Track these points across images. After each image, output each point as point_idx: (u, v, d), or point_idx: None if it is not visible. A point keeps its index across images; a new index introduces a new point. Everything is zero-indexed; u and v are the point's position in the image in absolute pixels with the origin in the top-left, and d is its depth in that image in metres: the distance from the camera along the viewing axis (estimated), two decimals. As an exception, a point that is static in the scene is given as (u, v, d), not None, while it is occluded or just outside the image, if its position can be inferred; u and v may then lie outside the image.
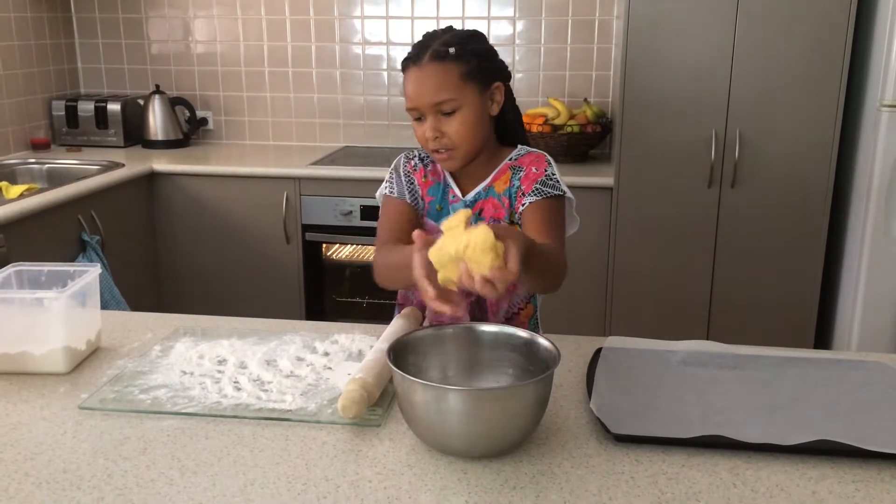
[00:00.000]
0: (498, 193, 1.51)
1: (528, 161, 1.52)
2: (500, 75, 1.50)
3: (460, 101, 1.42)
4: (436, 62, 1.41)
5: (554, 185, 1.48)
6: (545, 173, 1.49)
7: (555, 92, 3.46)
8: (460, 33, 1.47)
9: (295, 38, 3.62)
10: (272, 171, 3.17)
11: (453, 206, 1.54)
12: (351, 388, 1.13)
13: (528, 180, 1.48)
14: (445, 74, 1.41)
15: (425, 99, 1.41)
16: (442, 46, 1.42)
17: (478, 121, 1.45)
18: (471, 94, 1.43)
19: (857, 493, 0.97)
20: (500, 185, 1.51)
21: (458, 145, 1.44)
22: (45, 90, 3.60)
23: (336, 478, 0.99)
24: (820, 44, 2.68)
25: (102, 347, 1.40)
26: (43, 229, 2.63)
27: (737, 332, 2.89)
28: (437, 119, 1.42)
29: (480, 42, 1.48)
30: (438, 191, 1.56)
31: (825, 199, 2.80)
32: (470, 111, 1.43)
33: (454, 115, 1.42)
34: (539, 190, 1.46)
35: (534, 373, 1.12)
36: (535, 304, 1.61)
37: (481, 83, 1.45)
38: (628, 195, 2.91)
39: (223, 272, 3.25)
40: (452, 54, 1.41)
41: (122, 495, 0.96)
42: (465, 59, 1.42)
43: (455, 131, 1.43)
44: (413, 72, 1.43)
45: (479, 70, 1.44)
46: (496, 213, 1.50)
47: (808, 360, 1.33)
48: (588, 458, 1.04)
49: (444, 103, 1.41)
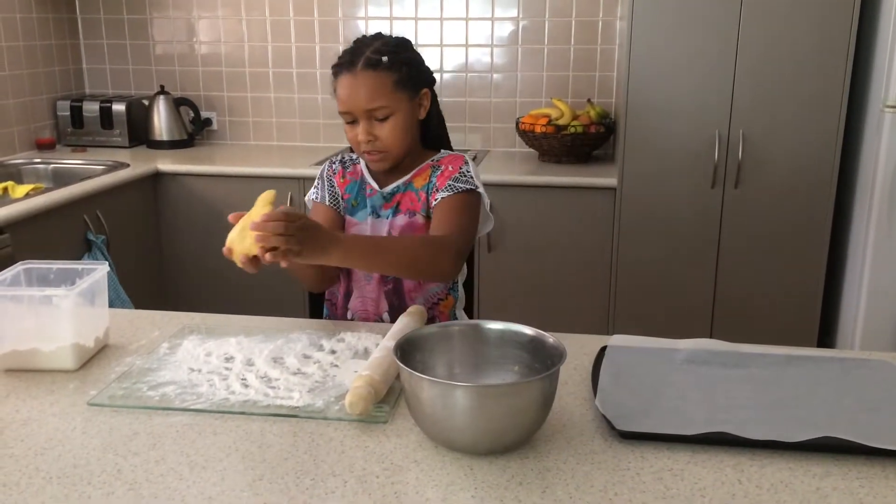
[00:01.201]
0: (416, 188, 1.59)
1: (447, 161, 1.61)
2: (427, 81, 1.60)
3: (392, 107, 1.51)
4: (369, 70, 1.49)
5: (466, 181, 1.56)
6: (459, 170, 1.57)
7: (558, 92, 3.47)
8: (391, 41, 1.55)
9: (299, 38, 3.63)
10: (276, 171, 3.18)
11: (370, 199, 1.63)
12: (358, 384, 1.14)
13: (444, 177, 1.57)
14: (379, 82, 1.50)
15: (359, 105, 1.50)
16: (374, 54, 1.50)
17: (407, 125, 1.55)
18: (402, 100, 1.53)
19: (861, 490, 0.97)
20: (418, 181, 1.60)
21: (389, 148, 1.54)
22: (50, 90, 3.62)
23: (343, 473, 1.00)
24: (823, 45, 2.69)
25: (110, 345, 1.41)
26: (48, 229, 2.64)
27: (740, 332, 2.89)
28: (370, 123, 1.52)
29: (410, 50, 1.58)
30: (355, 187, 1.66)
31: (828, 199, 2.81)
32: (401, 116, 1.53)
33: (386, 120, 1.52)
34: (451, 186, 1.55)
35: (539, 370, 1.12)
36: (456, 296, 1.68)
37: (411, 90, 1.55)
38: (631, 195, 2.92)
39: (227, 272, 3.24)
40: (385, 63, 1.50)
41: (131, 490, 0.96)
42: (397, 67, 1.51)
43: (387, 136, 1.52)
44: (347, 77, 1.51)
45: (409, 77, 1.54)
46: (412, 205, 1.59)
47: (812, 359, 1.34)
48: (593, 455, 1.05)
49: (378, 110, 1.51)
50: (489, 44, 3.50)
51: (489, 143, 3.61)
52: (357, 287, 1.64)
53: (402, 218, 1.59)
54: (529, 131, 3.21)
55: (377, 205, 1.62)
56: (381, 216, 1.61)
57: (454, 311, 1.67)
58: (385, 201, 1.61)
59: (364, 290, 1.62)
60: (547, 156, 3.27)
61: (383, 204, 1.61)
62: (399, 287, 1.61)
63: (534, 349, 1.15)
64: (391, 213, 1.60)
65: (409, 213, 1.58)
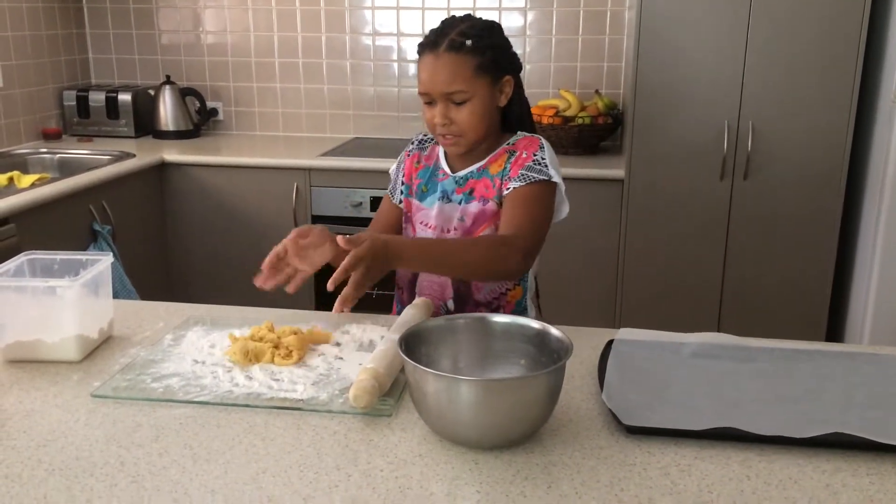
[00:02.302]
0: (492, 175, 1.55)
1: (522, 145, 1.56)
2: (511, 68, 1.55)
3: (471, 92, 1.47)
4: (452, 52, 1.46)
5: (540, 170, 1.51)
6: (533, 158, 1.53)
7: (566, 83, 3.45)
8: (478, 24, 1.51)
9: (305, 28, 3.61)
10: (282, 161, 3.17)
11: (441, 184, 1.59)
12: (362, 377, 1.13)
13: (517, 165, 1.53)
14: (460, 66, 1.46)
15: (438, 87, 1.47)
16: (459, 37, 1.46)
17: (486, 111, 1.50)
18: (482, 86, 1.48)
19: (872, 487, 0.96)
20: (494, 168, 1.56)
21: (465, 133, 1.50)
22: (56, 80, 3.61)
23: (347, 467, 0.99)
24: (834, 35, 2.66)
25: (114, 336, 1.41)
26: (54, 219, 2.64)
27: (748, 325, 2.88)
28: (448, 107, 1.48)
29: (496, 34, 1.52)
30: (427, 173, 1.63)
31: (838, 191, 2.79)
32: (479, 102, 1.49)
33: (464, 104, 1.48)
34: (524, 175, 1.51)
35: (545, 364, 1.11)
36: (525, 286, 1.64)
37: (493, 75, 1.50)
38: (639, 187, 2.90)
39: (233, 262, 3.26)
40: (469, 46, 1.46)
41: (134, 482, 0.96)
42: (481, 51, 1.47)
43: (463, 120, 1.48)
44: (429, 58, 1.47)
45: (493, 63, 1.49)
46: (486, 192, 1.55)
47: (821, 353, 1.33)
48: (600, 450, 1.04)
49: (456, 94, 1.47)
50: (496, 34, 3.48)
51: (496, 134, 3.58)
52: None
53: (475, 205, 1.54)
54: (537, 122, 3.18)
55: (449, 189, 1.58)
56: (453, 200, 1.57)
57: (522, 302, 1.62)
58: (458, 185, 1.57)
59: (430, 275, 1.58)
60: (554, 147, 3.22)
61: (455, 188, 1.57)
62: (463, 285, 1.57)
63: (540, 343, 1.14)
64: (463, 198, 1.56)
65: (482, 200, 1.54)
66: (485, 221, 1.54)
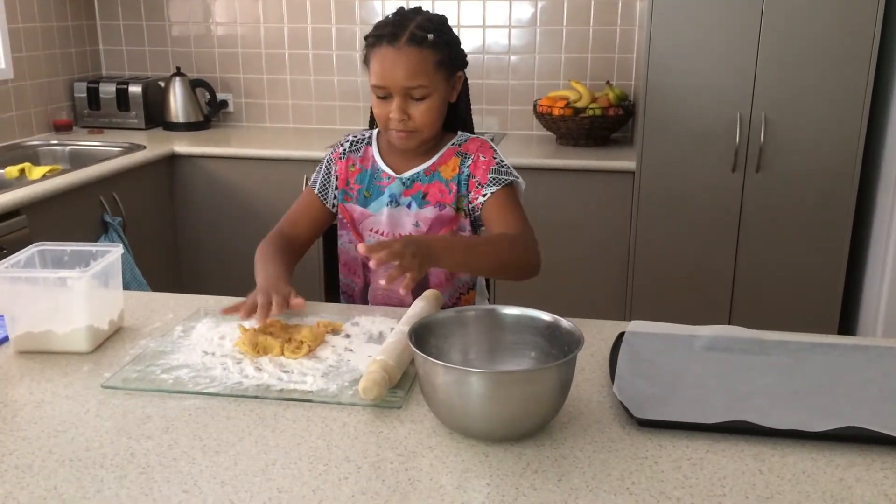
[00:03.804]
0: (445, 179, 1.54)
1: (473, 148, 1.56)
2: (463, 63, 1.54)
3: (431, 88, 1.46)
4: (414, 46, 1.43)
5: (507, 172, 1.53)
6: (495, 161, 1.53)
7: (577, 74, 3.43)
8: (435, 18, 1.50)
9: (315, 19, 3.60)
10: (292, 153, 3.17)
11: (388, 188, 1.57)
12: (372, 369, 1.12)
13: (480, 170, 1.52)
14: (422, 61, 1.44)
15: (397, 81, 1.44)
16: (419, 31, 1.44)
17: (442, 107, 1.50)
18: (440, 81, 1.48)
19: (886, 481, 0.95)
20: (446, 171, 1.54)
21: (420, 129, 1.48)
22: (67, 72, 3.62)
23: (357, 459, 0.99)
24: (848, 25, 2.63)
25: (125, 327, 1.41)
26: (65, 211, 2.65)
27: (759, 318, 2.86)
28: (406, 101, 1.46)
29: (450, 31, 1.52)
30: (366, 177, 1.60)
31: (852, 184, 2.76)
32: (437, 98, 1.48)
33: (423, 100, 1.46)
34: (496, 179, 1.51)
35: (556, 356, 1.11)
36: (479, 292, 1.66)
37: (449, 71, 1.50)
38: (650, 179, 2.88)
39: (243, 254, 3.23)
40: (430, 41, 1.44)
41: (144, 473, 0.96)
42: (441, 46, 1.46)
43: (421, 115, 1.47)
44: (387, 50, 1.44)
45: (450, 59, 1.49)
46: (442, 197, 1.54)
47: (834, 347, 1.31)
48: (611, 443, 1.03)
49: (416, 89, 1.45)
50: (507, 25, 3.46)
51: (506, 125, 3.57)
52: (375, 278, 1.59)
53: (430, 210, 1.54)
54: (547, 114, 3.18)
55: (396, 192, 1.56)
56: (401, 204, 1.55)
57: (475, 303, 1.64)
58: (405, 188, 1.55)
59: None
60: (565, 139, 3.24)
61: (403, 191, 1.56)
62: (425, 283, 1.57)
63: (550, 335, 1.14)
64: (415, 202, 1.54)
65: (438, 206, 1.53)
66: (442, 226, 1.54)
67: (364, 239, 1.59)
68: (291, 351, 1.26)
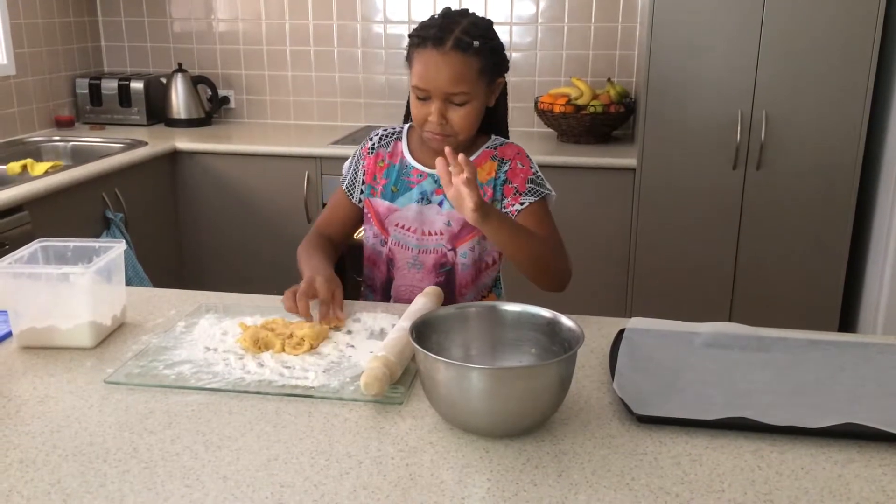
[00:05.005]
0: (481, 182, 1.53)
1: (510, 153, 1.56)
2: (504, 70, 1.54)
3: (473, 94, 1.45)
4: (459, 52, 1.42)
5: (542, 184, 1.54)
6: (532, 171, 1.54)
7: (578, 71, 3.43)
8: (481, 23, 1.48)
9: (316, 16, 3.61)
10: (293, 150, 3.17)
11: (419, 185, 1.56)
12: (373, 365, 1.13)
13: (518, 178, 1.53)
14: (466, 67, 1.43)
15: (440, 86, 1.43)
16: (466, 36, 1.42)
17: (480, 112, 1.50)
18: (481, 88, 1.47)
19: (884, 477, 0.96)
20: (482, 174, 1.54)
21: (457, 133, 1.48)
22: (69, 68, 3.62)
23: (358, 454, 1.00)
24: (850, 22, 2.63)
25: (127, 323, 1.41)
26: (67, 207, 2.65)
27: (760, 315, 2.86)
28: (446, 106, 1.45)
29: (496, 36, 1.51)
30: (394, 172, 1.59)
31: (852, 182, 2.76)
32: (478, 104, 1.48)
33: (463, 106, 1.45)
34: (533, 190, 1.52)
35: (556, 353, 1.11)
36: (499, 294, 1.67)
37: (490, 77, 1.49)
38: (651, 176, 2.89)
39: (244, 250, 3.27)
40: (476, 48, 1.43)
41: (147, 468, 0.97)
42: (485, 53, 1.45)
43: (459, 121, 1.46)
44: (432, 54, 1.42)
45: (493, 66, 1.48)
46: None
47: (834, 344, 1.32)
48: (611, 439, 1.04)
49: (458, 95, 1.44)
50: (508, 21, 3.46)
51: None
52: (399, 275, 1.59)
53: None
54: (548, 111, 3.18)
55: (428, 190, 1.55)
56: (433, 202, 1.55)
57: None
58: (437, 186, 1.54)
59: (408, 279, 1.58)
60: (566, 136, 3.24)
61: (435, 189, 1.55)
62: (451, 279, 1.56)
63: (551, 331, 1.14)
64: (447, 202, 1.51)
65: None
66: (473, 229, 1.53)
67: (390, 234, 1.59)
68: (292, 347, 1.27)
